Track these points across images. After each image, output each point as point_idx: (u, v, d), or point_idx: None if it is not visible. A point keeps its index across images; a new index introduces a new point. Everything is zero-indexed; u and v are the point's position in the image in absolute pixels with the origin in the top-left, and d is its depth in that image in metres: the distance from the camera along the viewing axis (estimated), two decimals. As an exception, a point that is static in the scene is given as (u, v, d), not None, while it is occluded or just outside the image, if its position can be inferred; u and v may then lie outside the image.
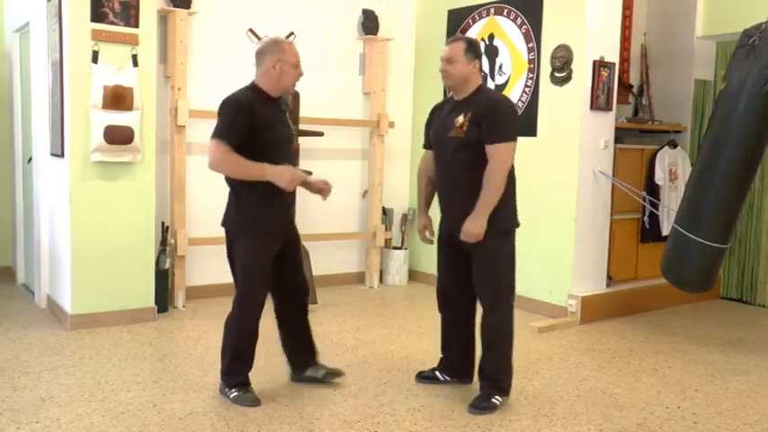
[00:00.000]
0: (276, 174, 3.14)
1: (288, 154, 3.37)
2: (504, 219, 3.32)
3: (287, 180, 3.16)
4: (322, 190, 3.45)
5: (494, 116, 3.24)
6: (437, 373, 3.70)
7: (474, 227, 3.21)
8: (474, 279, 3.39)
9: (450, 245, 3.45)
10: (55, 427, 3.00)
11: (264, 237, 3.25)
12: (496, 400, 3.35)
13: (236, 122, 3.14)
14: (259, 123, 3.16)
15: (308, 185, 3.42)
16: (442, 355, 3.70)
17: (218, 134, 3.13)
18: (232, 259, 3.33)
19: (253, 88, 3.28)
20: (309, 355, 3.59)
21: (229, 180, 3.27)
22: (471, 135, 3.25)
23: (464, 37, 3.44)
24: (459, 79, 3.33)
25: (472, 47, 3.34)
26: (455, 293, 3.56)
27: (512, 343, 3.43)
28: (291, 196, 3.36)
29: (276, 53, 3.24)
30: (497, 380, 3.38)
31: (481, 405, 3.32)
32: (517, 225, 3.42)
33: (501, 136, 3.23)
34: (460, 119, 3.30)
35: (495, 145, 3.22)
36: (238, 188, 3.25)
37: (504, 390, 3.40)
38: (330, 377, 3.59)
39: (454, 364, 3.67)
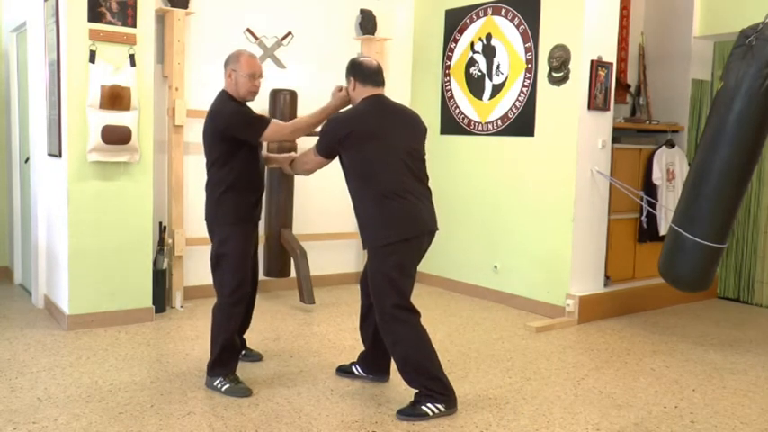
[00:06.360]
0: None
1: (257, 150, 3.58)
2: (374, 233, 3.20)
3: None
4: None
5: None
6: (354, 367, 3.66)
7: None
8: None
9: None
10: (52, 428, 3.00)
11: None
12: (428, 408, 3.15)
13: (246, 115, 3.42)
14: None
15: None
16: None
17: (255, 129, 3.39)
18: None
19: (227, 95, 3.48)
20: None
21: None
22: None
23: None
24: (353, 101, 3.40)
25: (348, 69, 3.37)
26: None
27: (413, 349, 3.19)
28: (258, 192, 3.60)
29: (232, 64, 3.46)
30: (420, 387, 3.20)
31: (405, 411, 3.17)
32: (397, 239, 3.16)
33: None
34: None
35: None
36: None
37: (434, 397, 3.17)
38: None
39: (367, 357, 3.60)
